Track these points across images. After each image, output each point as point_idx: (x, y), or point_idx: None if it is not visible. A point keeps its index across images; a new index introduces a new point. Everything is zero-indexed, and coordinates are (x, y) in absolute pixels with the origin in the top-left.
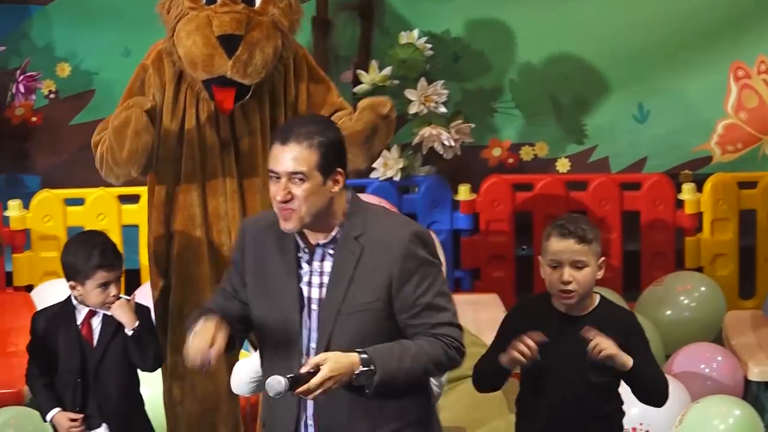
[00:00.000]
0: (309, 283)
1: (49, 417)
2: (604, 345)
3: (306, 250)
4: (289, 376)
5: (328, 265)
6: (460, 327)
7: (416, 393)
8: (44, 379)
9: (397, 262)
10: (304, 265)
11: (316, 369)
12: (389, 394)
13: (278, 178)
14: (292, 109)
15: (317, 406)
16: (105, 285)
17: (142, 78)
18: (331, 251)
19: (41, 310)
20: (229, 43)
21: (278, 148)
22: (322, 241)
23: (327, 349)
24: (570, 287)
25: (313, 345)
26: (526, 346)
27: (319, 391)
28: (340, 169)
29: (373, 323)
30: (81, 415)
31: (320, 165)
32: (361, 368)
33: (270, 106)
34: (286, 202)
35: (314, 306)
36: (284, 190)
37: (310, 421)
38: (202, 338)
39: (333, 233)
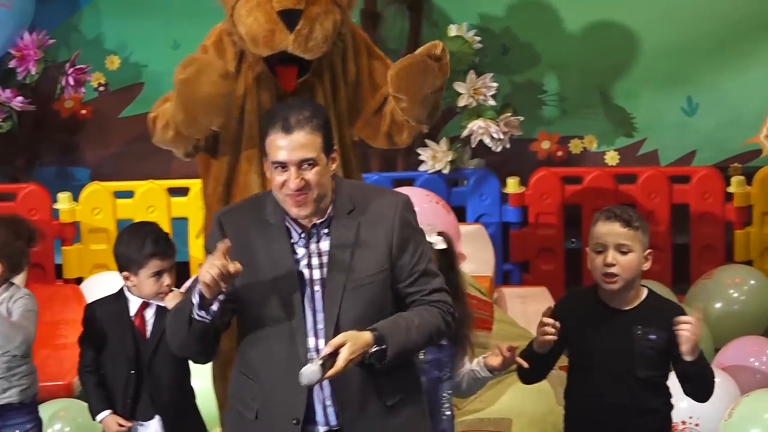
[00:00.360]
0: (309, 266)
1: (99, 418)
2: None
3: (302, 234)
4: (317, 363)
5: (325, 245)
6: (448, 291)
7: (411, 364)
8: (96, 377)
9: (396, 232)
10: (299, 249)
11: (336, 351)
12: (397, 364)
13: (284, 167)
14: (352, 87)
15: (334, 388)
16: (158, 274)
17: None
18: (326, 230)
19: (94, 301)
20: (290, 17)
21: (282, 137)
22: (317, 221)
23: (336, 327)
24: (613, 270)
25: (320, 326)
26: (547, 325)
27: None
28: (335, 147)
29: (378, 294)
30: (130, 424)
31: (323, 147)
32: (375, 347)
33: (330, 85)
34: (300, 189)
35: (317, 287)
36: (297, 178)
37: (328, 402)
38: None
39: (328, 212)
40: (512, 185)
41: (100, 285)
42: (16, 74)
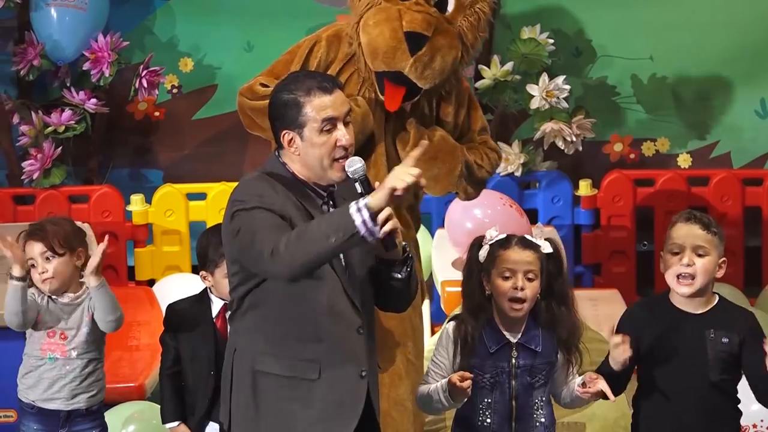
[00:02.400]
0: None
1: (168, 426)
2: None
3: (326, 197)
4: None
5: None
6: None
7: None
8: (176, 382)
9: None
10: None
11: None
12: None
13: (334, 127)
14: (446, 125)
15: None
16: None
17: (310, 48)
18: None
19: (176, 301)
20: (415, 41)
21: (326, 97)
22: (332, 187)
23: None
24: (689, 271)
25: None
26: (620, 343)
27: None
28: None
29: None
30: None
31: None
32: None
33: (422, 117)
34: (348, 147)
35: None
36: (350, 134)
37: None
38: None
39: None
40: (584, 188)
41: (173, 287)
42: (90, 76)
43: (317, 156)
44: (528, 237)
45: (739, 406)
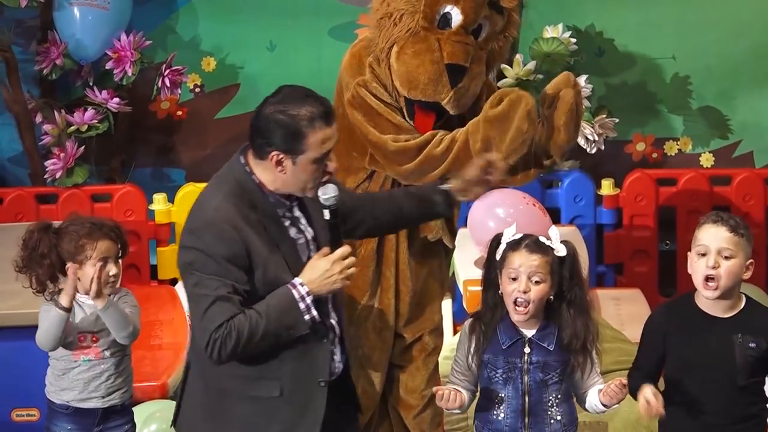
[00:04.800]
0: (300, 230)
1: None
2: None
3: (287, 203)
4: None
5: (296, 210)
6: None
7: None
8: None
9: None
10: (285, 221)
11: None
12: None
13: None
14: None
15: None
16: None
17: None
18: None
19: None
20: (456, 73)
21: (328, 128)
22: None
23: None
24: (713, 273)
25: None
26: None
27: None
28: None
29: None
30: None
31: None
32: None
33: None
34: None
35: (312, 246)
36: (334, 159)
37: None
38: None
39: None
40: (607, 187)
41: None
42: (113, 75)
43: (303, 179)
44: (541, 239)
45: (766, 406)
